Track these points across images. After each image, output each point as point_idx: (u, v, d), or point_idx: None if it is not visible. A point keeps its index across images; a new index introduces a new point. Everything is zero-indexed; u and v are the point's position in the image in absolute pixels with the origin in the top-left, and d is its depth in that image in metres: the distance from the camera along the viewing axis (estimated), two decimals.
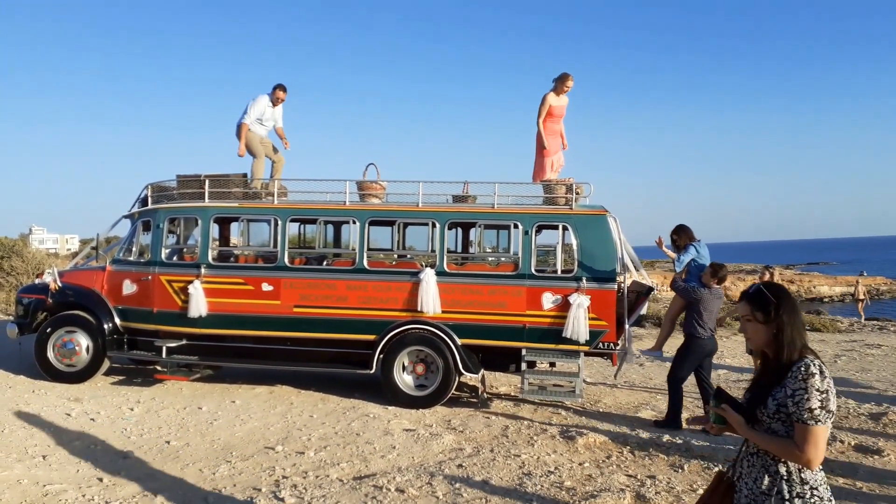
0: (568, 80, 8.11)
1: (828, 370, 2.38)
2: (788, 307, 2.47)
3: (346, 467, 5.45)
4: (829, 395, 2.32)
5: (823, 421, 2.30)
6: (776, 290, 2.52)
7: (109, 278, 8.22)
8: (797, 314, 2.47)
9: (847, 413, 7.39)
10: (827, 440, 2.35)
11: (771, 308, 2.47)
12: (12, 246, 18.16)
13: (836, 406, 2.46)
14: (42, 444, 5.84)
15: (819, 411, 2.30)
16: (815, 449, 2.31)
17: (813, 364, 2.35)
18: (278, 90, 8.79)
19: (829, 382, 2.34)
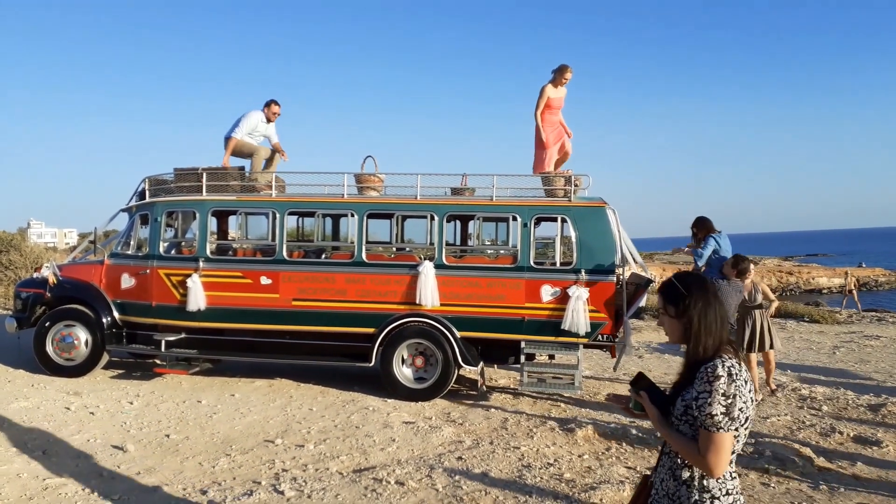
0: (566, 72, 8.04)
1: (745, 373, 2.18)
2: (700, 300, 2.27)
3: (345, 460, 5.45)
4: (736, 401, 2.11)
5: (726, 428, 2.11)
6: (688, 282, 2.33)
7: (108, 272, 8.20)
8: (710, 308, 2.26)
9: (846, 404, 7.41)
10: (732, 447, 2.15)
11: (681, 301, 2.29)
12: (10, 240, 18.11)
13: (753, 414, 2.18)
14: (41, 438, 5.84)
15: (721, 417, 2.11)
16: (715, 456, 2.13)
17: (722, 365, 2.16)
18: (273, 105, 8.64)
19: (738, 386, 2.13)
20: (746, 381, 2.17)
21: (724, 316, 2.29)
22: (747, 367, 7.50)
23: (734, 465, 2.25)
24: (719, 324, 2.26)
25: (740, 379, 2.15)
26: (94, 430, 6.09)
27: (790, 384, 8.36)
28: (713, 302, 2.27)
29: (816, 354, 11.01)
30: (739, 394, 2.12)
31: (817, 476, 5.21)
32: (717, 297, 2.30)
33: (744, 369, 2.20)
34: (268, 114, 8.63)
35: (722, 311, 2.29)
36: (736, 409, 2.11)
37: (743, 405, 2.13)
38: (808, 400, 7.60)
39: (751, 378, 2.24)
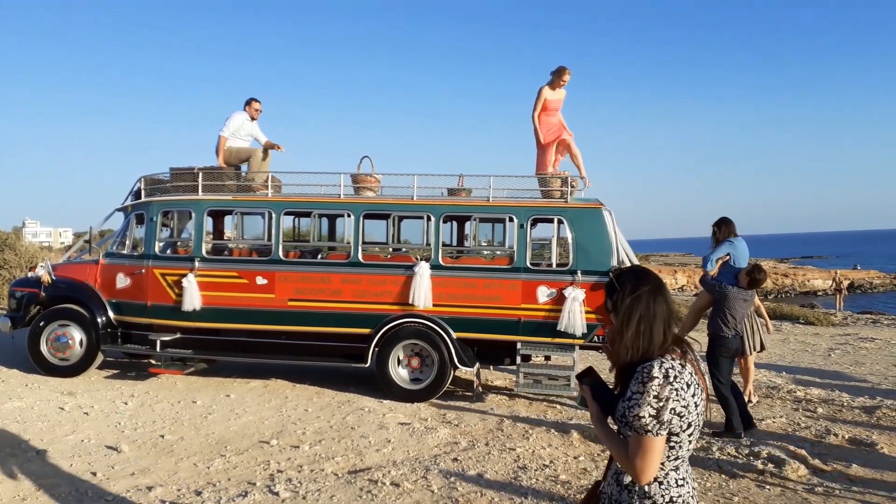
0: (564, 74, 7.99)
1: (689, 376, 2.05)
2: (630, 296, 2.11)
3: (341, 461, 5.44)
4: (668, 404, 1.98)
5: (654, 432, 1.99)
6: (623, 277, 2.18)
7: (103, 272, 8.18)
8: (641, 304, 2.09)
9: (841, 406, 7.42)
10: (662, 453, 2.03)
11: (615, 296, 2.15)
12: (5, 239, 18.06)
13: (698, 417, 2.06)
14: (35, 438, 5.81)
15: (649, 420, 1.98)
16: (641, 461, 2.01)
17: (660, 367, 2.02)
18: (253, 102, 8.59)
19: (676, 390, 2.00)
20: (690, 384, 2.04)
21: (663, 314, 2.10)
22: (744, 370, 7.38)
23: (683, 471, 2.13)
24: (657, 321, 2.09)
25: (680, 382, 2.02)
26: (88, 431, 6.06)
27: (785, 386, 8.37)
28: (645, 302, 2.09)
29: (811, 356, 11.03)
30: (676, 397, 1.99)
31: (813, 478, 5.22)
32: (657, 293, 2.12)
33: (689, 372, 2.06)
34: (250, 112, 8.58)
35: (662, 309, 2.10)
36: (667, 412, 1.98)
37: (682, 409, 2.01)
38: (803, 402, 7.61)
39: (702, 382, 2.11)
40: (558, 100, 8.10)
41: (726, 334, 6.31)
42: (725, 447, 5.78)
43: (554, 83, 8.02)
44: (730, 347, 6.37)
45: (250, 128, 8.59)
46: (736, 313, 6.33)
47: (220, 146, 8.34)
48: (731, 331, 6.32)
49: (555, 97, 8.06)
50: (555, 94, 8.05)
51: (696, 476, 5.20)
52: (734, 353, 6.51)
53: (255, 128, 8.69)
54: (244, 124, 8.49)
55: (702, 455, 5.64)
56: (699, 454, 5.64)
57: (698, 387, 2.08)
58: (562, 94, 8.13)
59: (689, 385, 2.03)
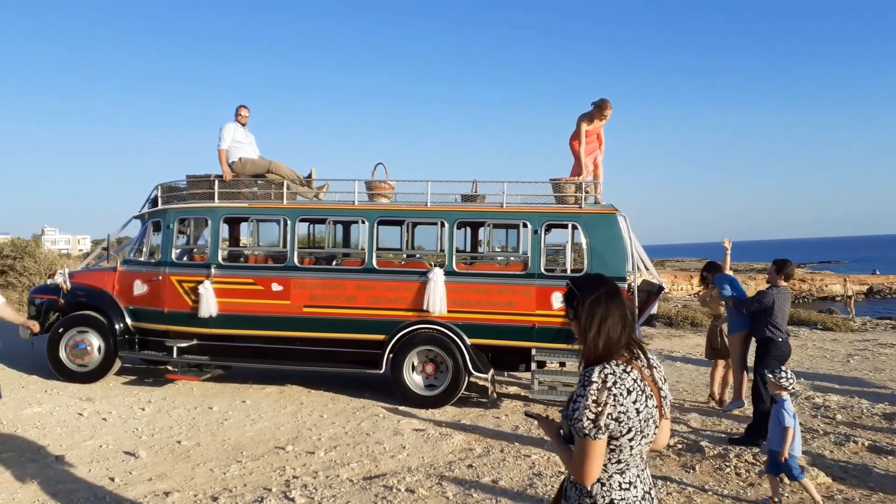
0: (606, 109, 7.77)
1: (632, 382, 2.07)
2: (588, 301, 2.15)
3: (356, 467, 5.45)
4: (606, 409, 2.01)
5: (592, 436, 2.02)
6: (582, 283, 2.22)
7: (120, 279, 8.26)
8: (598, 309, 2.13)
9: (860, 413, 7.33)
10: (602, 456, 2.06)
11: (574, 302, 2.19)
12: (25, 246, 18.30)
13: (638, 424, 2.07)
14: (54, 443, 5.87)
15: (587, 424, 2.02)
16: (580, 464, 2.06)
17: (600, 371, 2.06)
18: (241, 109, 8.62)
19: (615, 395, 2.03)
20: (631, 390, 2.06)
21: (616, 319, 2.13)
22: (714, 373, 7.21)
23: (632, 475, 2.14)
24: (609, 327, 2.12)
25: (619, 388, 2.04)
26: (106, 436, 6.12)
27: (804, 392, 8.28)
28: (604, 303, 2.14)
29: (830, 362, 10.91)
30: (614, 403, 2.02)
31: (833, 486, 5.15)
32: (614, 296, 2.16)
33: (632, 378, 2.08)
34: (239, 119, 8.62)
35: (615, 315, 2.13)
36: (604, 417, 2.01)
37: (620, 415, 2.03)
38: (821, 409, 7.52)
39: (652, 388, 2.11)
40: (596, 128, 7.95)
41: (777, 337, 6.20)
42: (743, 454, 5.73)
43: (594, 116, 7.84)
44: (783, 350, 6.25)
45: (243, 134, 8.62)
46: (783, 314, 6.23)
47: (222, 159, 8.35)
48: (782, 333, 6.23)
49: (593, 128, 7.91)
50: (593, 126, 7.89)
51: (714, 483, 5.16)
52: (785, 356, 6.33)
53: (249, 134, 8.72)
54: (237, 132, 8.52)
55: (719, 462, 5.59)
56: (716, 461, 5.60)
57: (643, 393, 2.09)
58: (600, 125, 7.93)
59: (629, 391, 2.06)
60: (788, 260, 6.40)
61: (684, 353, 11.69)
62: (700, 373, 9.63)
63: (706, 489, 5.04)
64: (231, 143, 8.37)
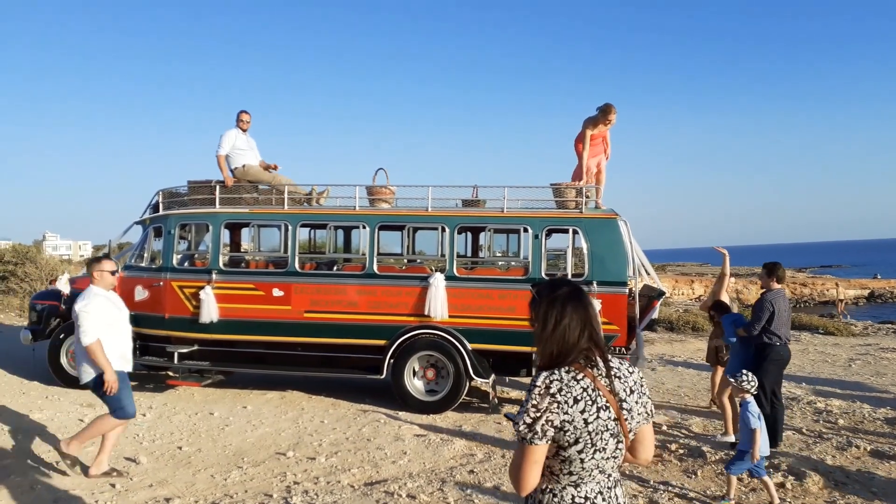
0: (610, 114, 7.74)
1: (577, 391, 2.00)
2: (544, 306, 2.11)
3: (357, 473, 5.44)
4: (544, 415, 1.96)
5: (528, 440, 1.97)
6: (541, 287, 2.19)
7: (121, 284, 8.23)
8: (553, 314, 2.09)
9: (862, 418, 7.32)
10: (539, 464, 2.00)
11: (533, 306, 2.17)
12: (26, 252, 18.31)
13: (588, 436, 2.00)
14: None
15: (523, 427, 1.98)
16: (515, 468, 2.03)
17: (546, 377, 2.02)
18: (242, 115, 8.57)
19: (559, 402, 1.98)
20: (579, 399, 1.99)
21: (580, 319, 2.08)
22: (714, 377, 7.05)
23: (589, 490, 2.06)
24: (565, 331, 2.06)
25: (565, 395, 1.99)
26: None
27: (805, 397, 8.27)
28: (559, 307, 2.09)
29: (832, 367, 10.90)
30: (556, 410, 1.97)
31: (834, 491, 5.14)
32: (573, 299, 2.11)
33: (582, 387, 2.01)
34: (241, 125, 8.60)
35: (573, 319, 2.08)
36: (541, 423, 1.96)
37: (564, 423, 1.97)
38: (823, 413, 7.51)
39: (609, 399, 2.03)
40: (601, 132, 7.94)
41: (775, 342, 6.08)
42: None
43: (598, 121, 7.82)
44: (782, 355, 6.15)
45: (244, 140, 8.61)
46: (780, 318, 6.07)
47: (221, 165, 8.32)
48: (780, 338, 6.11)
49: (598, 132, 7.90)
50: (598, 131, 7.87)
51: (716, 489, 5.15)
52: (783, 361, 6.24)
53: (251, 141, 8.71)
54: (238, 138, 8.50)
55: (720, 467, 5.58)
56: (717, 466, 5.59)
57: (594, 403, 2.01)
58: (605, 129, 7.91)
59: (577, 400, 1.99)
60: (777, 262, 6.37)
61: (686, 357, 11.68)
62: (702, 377, 9.62)
63: (707, 494, 5.03)
64: (232, 150, 8.36)
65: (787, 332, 6.22)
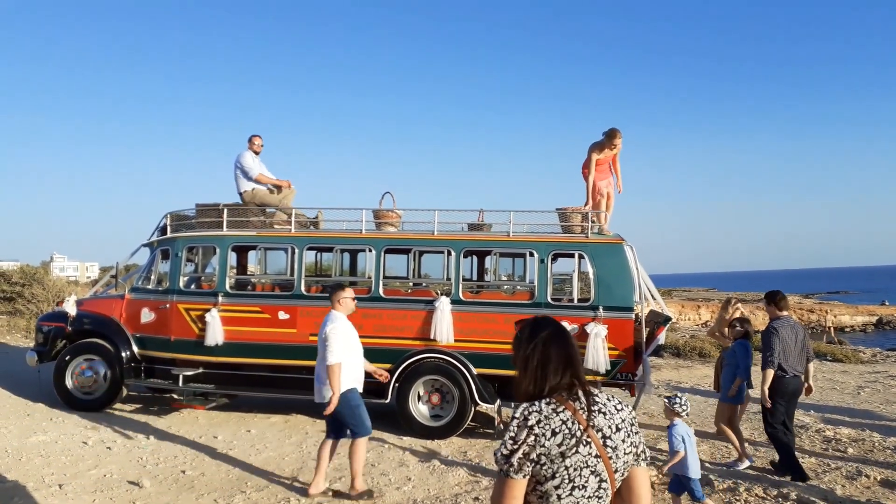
0: (615, 138, 7.82)
1: (556, 424, 1.98)
2: (522, 342, 2.15)
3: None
4: (521, 448, 1.95)
5: (505, 472, 1.97)
6: (524, 324, 2.21)
7: (128, 306, 8.28)
8: (530, 350, 2.11)
9: (872, 447, 7.22)
10: (516, 499, 1.97)
11: (515, 346, 2.20)
12: (34, 273, 18.38)
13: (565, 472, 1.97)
14: (59, 472, 5.85)
15: (500, 458, 1.98)
16: (495, 498, 2.00)
17: (525, 409, 2.02)
18: (254, 139, 8.70)
19: (532, 434, 1.96)
20: (557, 432, 1.97)
21: (560, 358, 2.10)
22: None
23: None
24: (549, 366, 2.07)
25: (542, 428, 1.97)
26: (110, 465, 6.09)
27: (814, 425, 8.18)
28: (537, 345, 2.11)
29: (840, 395, 10.79)
30: (533, 443, 1.95)
31: None
32: (553, 340, 2.12)
33: (562, 420, 1.99)
34: (253, 148, 8.70)
35: (558, 354, 2.10)
36: (518, 455, 1.95)
37: (541, 457, 1.95)
38: (832, 441, 7.42)
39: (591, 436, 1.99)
40: (607, 157, 7.98)
41: (780, 375, 5.99)
42: (753, 487, 5.65)
43: (604, 146, 7.90)
44: (787, 387, 6.03)
45: (258, 163, 8.71)
46: (786, 347, 5.97)
47: (263, 180, 8.45)
48: (786, 371, 5.98)
49: (604, 157, 7.95)
50: (603, 155, 7.93)
51: None
52: (791, 394, 6.11)
53: (261, 163, 8.80)
54: (254, 163, 8.61)
55: (728, 496, 5.51)
56: (725, 494, 5.52)
57: (572, 437, 1.98)
58: (610, 154, 7.96)
59: (554, 433, 1.97)
60: (778, 291, 6.38)
61: (692, 384, 11.59)
62: (709, 404, 9.52)
63: None
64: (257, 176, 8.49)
65: (794, 363, 6.05)
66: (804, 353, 6.17)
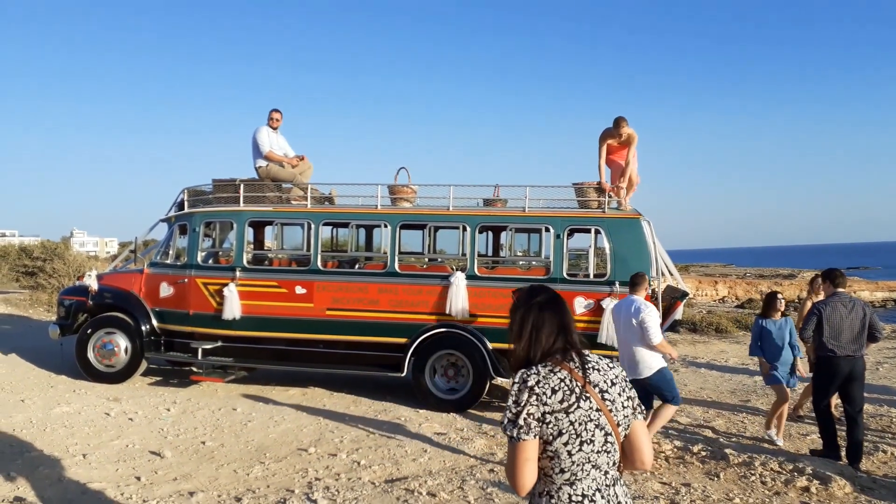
0: (621, 127, 7.64)
1: (554, 382, 2.03)
2: (518, 308, 2.21)
3: (377, 470, 5.47)
4: (525, 409, 2.00)
5: (515, 436, 2.01)
6: (520, 292, 2.26)
7: (147, 281, 8.38)
8: (524, 315, 2.17)
9: (889, 422, 7.19)
10: (530, 462, 2.01)
11: (511, 312, 2.25)
12: (55, 248, 18.65)
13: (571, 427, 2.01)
14: (82, 442, 5.98)
15: (507, 424, 2.03)
16: (509, 468, 2.05)
17: (522, 373, 2.08)
18: (273, 113, 8.67)
19: (533, 394, 2.02)
20: (557, 389, 2.02)
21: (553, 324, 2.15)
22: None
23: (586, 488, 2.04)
24: (542, 330, 2.13)
25: (543, 387, 2.02)
26: (132, 436, 6.21)
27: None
28: (532, 309, 2.17)
29: None
30: (535, 402, 2.01)
31: (860, 496, 5.06)
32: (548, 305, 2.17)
33: (559, 378, 2.05)
34: (272, 123, 8.67)
35: (551, 319, 2.15)
36: (523, 416, 2.00)
37: (546, 416, 2.00)
38: None
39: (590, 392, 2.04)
40: (618, 145, 7.81)
41: (827, 354, 5.78)
42: (769, 462, 5.64)
43: (613, 134, 7.76)
44: (837, 368, 5.77)
45: (276, 138, 8.69)
46: (834, 327, 5.71)
47: (274, 158, 8.42)
48: (835, 350, 5.74)
49: (615, 144, 7.79)
50: (614, 142, 7.78)
51: (738, 491, 5.09)
52: (848, 375, 5.79)
53: (282, 139, 8.79)
54: (270, 135, 8.60)
55: (744, 470, 5.52)
56: (741, 469, 5.53)
57: (572, 393, 2.03)
58: (625, 141, 7.77)
59: (555, 391, 2.03)
60: (836, 269, 6.08)
61: (709, 359, 11.56)
62: (724, 379, 9.52)
63: (730, 498, 4.98)
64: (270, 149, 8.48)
65: (846, 342, 5.73)
66: (864, 332, 5.76)
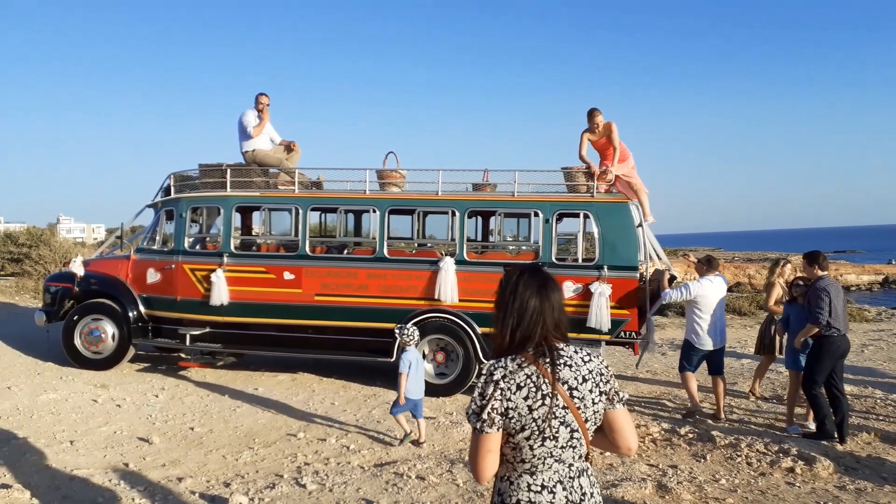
0: (594, 117, 7.59)
1: (521, 378, 1.99)
2: (500, 291, 2.17)
3: (366, 454, 5.49)
4: (490, 402, 1.98)
5: (478, 428, 1.99)
6: (508, 274, 2.20)
7: (134, 267, 8.32)
8: (520, 299, 2.11)
9: (874, 403, 7.28)
10: (492, 452, 1.99)
11: (499, 291, 2.19)
12: (40, 235, 18.47)
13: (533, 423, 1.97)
14: (69, 429, 5.95)
15: (471, 415, 2.01)
16: (471, 456, 2.04)
17: (490, 365, 2.06)
18: (260, 97, 8.52)
19: (498, 388, 1.99)
20: (522, 386, 1.98)
21: (537, 309, 2.09)
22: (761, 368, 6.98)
23: (546, 478, 2.02)
24: (525, 315, 2.08)
25: (508, 383, 1.99)
26: (120, 423, 6.20)
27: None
28: (523, 294, 2.11)
29: None
30: (500, 397, 1.98)
31: (844, 476, 5.13)
32: (535, 290, 2.12)
33: (526, 374, 2.00)
34: (257, 108, 8.54)
35: (536, 305, 2.09)
36: (487, 410, 1.98)
37: (509, 411, 1.97)
38: None
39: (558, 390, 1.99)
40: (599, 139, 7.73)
41: (832, 333, 5.87)
42: (755, 443, 5.71)
43: (589, 129, 7.70)
44: (836, 348, 5.91)
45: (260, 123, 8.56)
46: (835, 308, 5.84)
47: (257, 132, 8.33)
48: (837, 329, 5.87)
49: (596, 138, 7.72)
50: (595, 136, 7.72)
51: (725, 472, 5.14)
52: (841, 354, 6.00)
53: (269, 126, 8.66)
54: (256, 121, 8.47)
55: (730, 451, 5.58)
56: (727, 450, 5.58)
57: (538, 390, 1.99)
58: (603, 132, 7.67)
59: (520, 387, 1.99)
60: (818, 251, 6.17)
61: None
62: None
63: (717, 478, 5.03)
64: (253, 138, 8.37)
65: (843, 322, 5.95)
66: (846, 312, 6.10)
